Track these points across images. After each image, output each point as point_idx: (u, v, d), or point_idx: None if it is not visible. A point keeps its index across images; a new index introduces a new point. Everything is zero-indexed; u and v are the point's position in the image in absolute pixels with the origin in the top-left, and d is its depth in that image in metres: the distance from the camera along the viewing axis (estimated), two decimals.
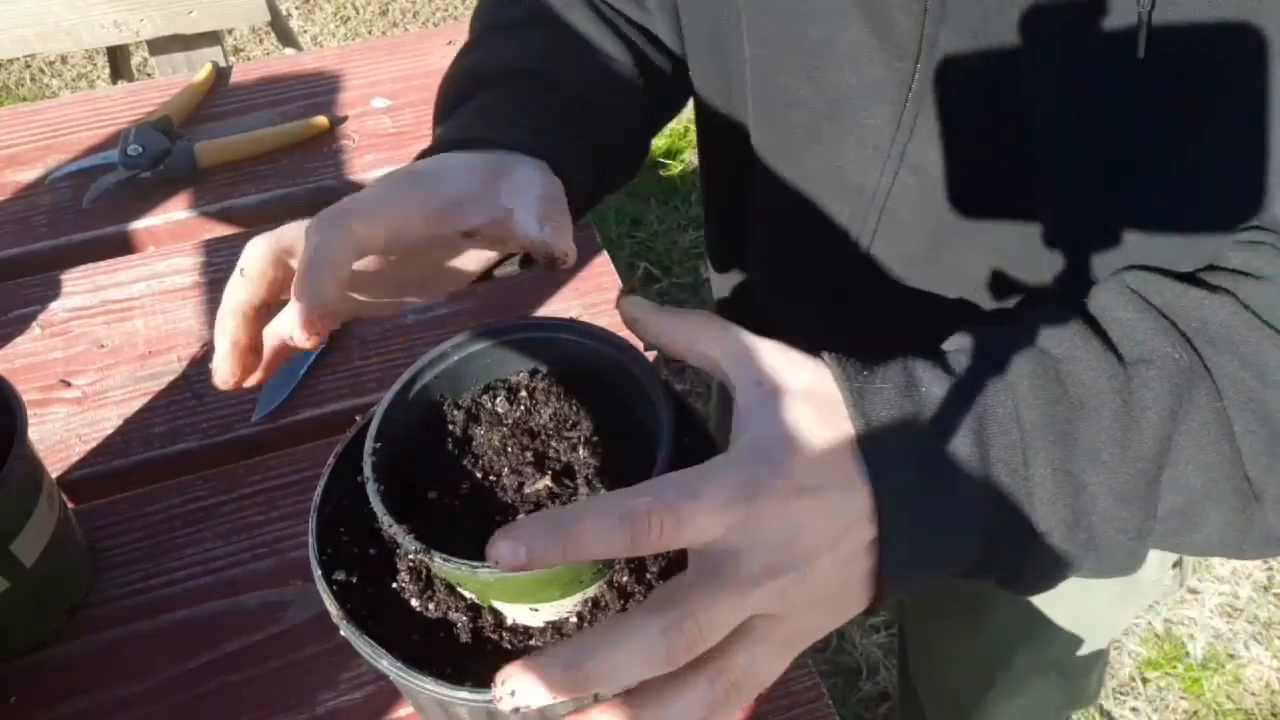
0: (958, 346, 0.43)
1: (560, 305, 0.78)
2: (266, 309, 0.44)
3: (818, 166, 0.59)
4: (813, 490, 0.37)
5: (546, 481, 0.42)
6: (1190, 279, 0.44)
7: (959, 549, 0.40)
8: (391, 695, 0.56)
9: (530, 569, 0.33)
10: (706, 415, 0.46)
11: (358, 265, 0.43)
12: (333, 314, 0.40)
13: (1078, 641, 0.86)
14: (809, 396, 0.39)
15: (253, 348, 0.44)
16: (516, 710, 0.33)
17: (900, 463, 0.38)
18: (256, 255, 0.43)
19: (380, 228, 0.42)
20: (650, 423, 0.44)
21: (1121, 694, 1.53)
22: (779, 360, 0.40)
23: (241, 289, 0.43)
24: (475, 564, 0.36)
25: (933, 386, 0.40)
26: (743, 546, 0.36)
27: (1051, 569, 0.42)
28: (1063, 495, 0.40)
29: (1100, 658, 0.92)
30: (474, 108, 0.53)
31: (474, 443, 0.45)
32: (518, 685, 0.33)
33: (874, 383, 0.40)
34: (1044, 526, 0.40)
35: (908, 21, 0.48)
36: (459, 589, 0.42)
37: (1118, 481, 0.40)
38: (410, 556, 0.42)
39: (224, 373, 0.44)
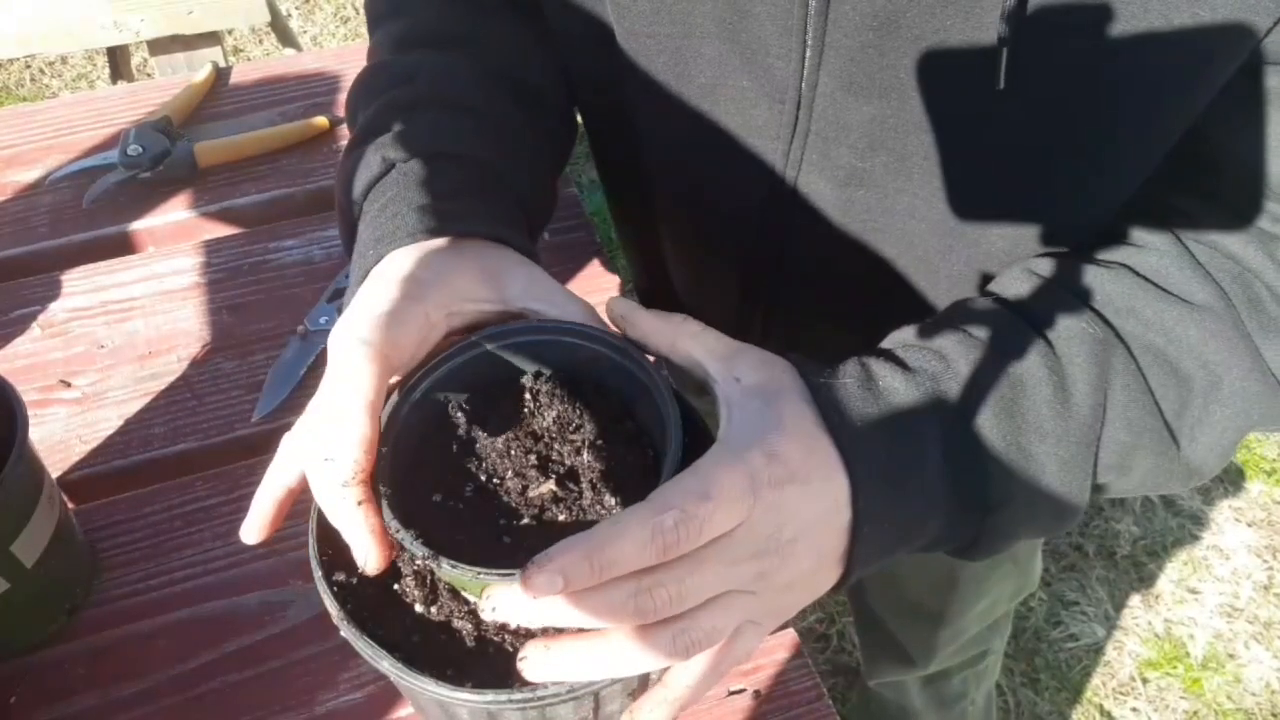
0: (900, 341, 0.48)
1: None
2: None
3: (717, 199, 0.63)
4: (802, 479, 0.40)
5: (551, 485, 0.42)
6: (1088, 258, 0.50)
7: (922, 526, 0.44)
8: (391, 695, 0.56)
9: (568, 592, 0.35)
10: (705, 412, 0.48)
11: None
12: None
13: None
14: (783, 391, 0.43)
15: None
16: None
17: (870, 450, 0.42)
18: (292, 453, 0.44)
19: (406, 351, 0.43)
20: (652, 424, 0.44)
21: (1121, 694, 1.53)
22: (753, 359, 0.44)
23: (283, 477, 0.44)
24: (484, 571, 0.36)
25: (889, 379, 0.44)
26: (738, 533, 0.39)
27: (1002, 537, 0.46)
28: (1014, 467, 0.44)
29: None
30: (425, 201, 0.50)
31: (478, 446, 0.44)
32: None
33: (837, 378, 0.44)
34: (998, 498, 0.44)
35: (786, 69, 0.52)
36: (463, 593, 0.42)
37: (1063, 449, 0.44)
38: (418, 562, 0.42)
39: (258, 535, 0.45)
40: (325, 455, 0.40)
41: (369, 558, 0.40)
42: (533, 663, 0.37)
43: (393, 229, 0.48)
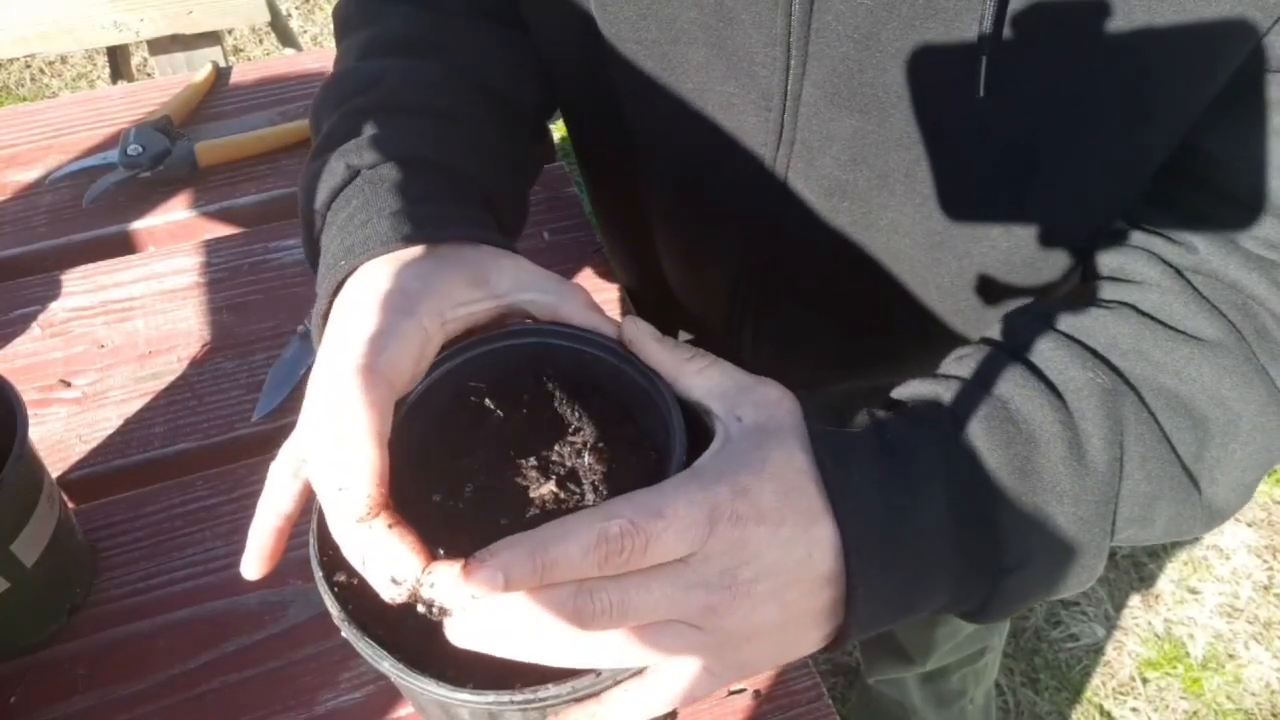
0: (907, 395, 0.45)
1: None
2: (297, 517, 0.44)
3: (708, 200, 0.62)
4: (773, 521, 0.38)
5: (552, 486, 0.42)
6: (1090, 300, 0.48)
7: (929, 586, 0.41)
8: (391, 695, 0.56)
9: (508, 592, 0.34)
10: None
11: None
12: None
13: None
14: (779, 433, 0.41)
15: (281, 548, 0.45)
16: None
17: (865, 503, 0.40)
18: (283, 472, 0.43)
19: (407, 370, 0.41)
20: (654, 426, 0.44)
21: (1121, 694, 1.53)
22: (758, 397, 0.42)
23: (277, 505, 0.43)
24: None
25: (894, 433, 0.42)
26: (691, 561, 0.37)
27: (1015, 600, 0.43)
28: (1030, 529, 0.42)
29: None
30: (395, 208, 0.48)
31: (478, 446, 0.44)
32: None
33: (842, 426, 0.42)
34: (1013, 561, 0.42)
35: (771, 76, 0.51)
36: None
37: (1082, 509, 0.42)
38: None
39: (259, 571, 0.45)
40: (339, 485, 0.37)
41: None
42: (458, 624, 0.36)
43: (363, 238, 0.46)
